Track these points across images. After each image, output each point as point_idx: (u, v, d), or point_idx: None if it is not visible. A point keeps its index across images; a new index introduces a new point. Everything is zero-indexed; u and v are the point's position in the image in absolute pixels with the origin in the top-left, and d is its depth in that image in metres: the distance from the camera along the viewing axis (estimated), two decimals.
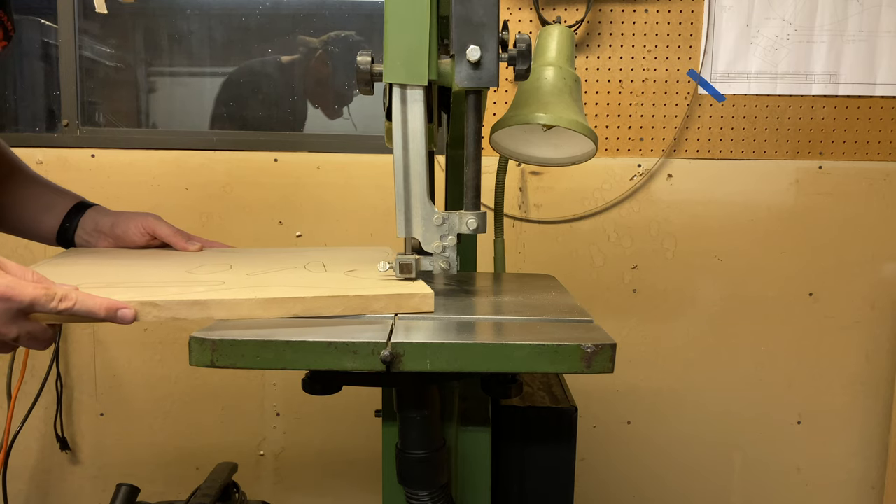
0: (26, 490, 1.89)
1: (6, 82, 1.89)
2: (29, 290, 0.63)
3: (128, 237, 1.01)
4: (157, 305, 0.67)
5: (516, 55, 0.79)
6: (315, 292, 0.72)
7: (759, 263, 1.84)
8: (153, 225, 1.01)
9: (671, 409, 1.89)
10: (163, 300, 0.67)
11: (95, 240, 1.02)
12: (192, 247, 1.01)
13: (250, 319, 0.69)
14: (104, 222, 1.01)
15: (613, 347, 0.63)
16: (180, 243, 1.01)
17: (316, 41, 1.85)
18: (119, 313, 0.66)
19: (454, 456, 0.84)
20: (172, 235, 1.01)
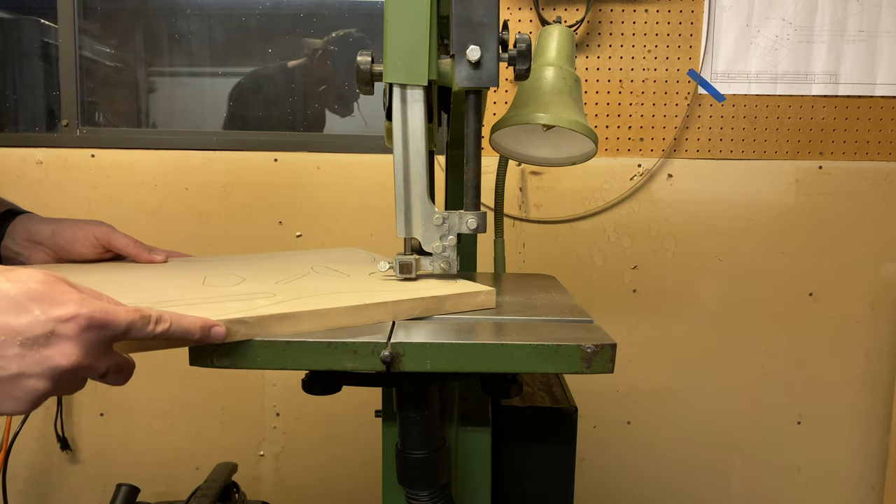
0: (26, 490, 1.89)
1: (6, 82, 1.89)
2: (122, 313, 0.53)
3: (73, 249, 0.85)
4: (246, 322, 0.60)
5: (516, 55, 0.79)
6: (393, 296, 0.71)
7: (759, 263, 1.84)
8: (107, 235, 0.86)
9: (671, 409, 1.89)
10: (251, 316, 0.61)
11: (29, 252, 0.86)
12: (156, 258, 0.88)
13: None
14: (41, 231, 0.86)
15: (613, 347, 0.62)
16: (143, 255, 0.87)
17: (319, 42, 1.85)
18: (213, 331, 0.58)
19: (454, 456, 0.84)
20: (132, 246, 0.87)
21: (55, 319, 0.50)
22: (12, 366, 0.50)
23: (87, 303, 0.52)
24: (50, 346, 0.50)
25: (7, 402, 0.50)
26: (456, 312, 0.74)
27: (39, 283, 0.51)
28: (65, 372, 0.51)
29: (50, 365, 0.50)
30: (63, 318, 0.50)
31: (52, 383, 0.51)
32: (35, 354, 0.50)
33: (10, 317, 0.49)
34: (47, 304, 0.50)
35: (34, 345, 0.50)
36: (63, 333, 0.50)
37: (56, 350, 0.50)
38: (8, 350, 0.49)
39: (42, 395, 0.51)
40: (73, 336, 0.51)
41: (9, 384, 0.50)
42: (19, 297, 0.50)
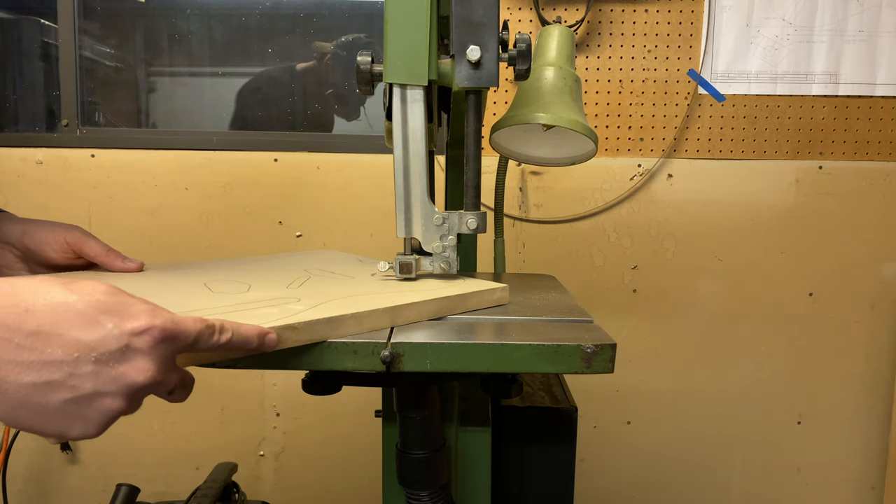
0: (26, 490, 1.89)
1: (6, 82, 1.89)
2: (190, 323, 0.51)
3: (42, 252, 0.79)
4: (296, 328, 0.59)
5: (516, 55, 0.79)
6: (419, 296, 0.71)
7: (759, 263, 1.84)
8: (79, 241, 0.80)
9: (671, 409, 1.89)
10: (300, 322, 0.59)
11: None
12: (130, 266, 0.81)
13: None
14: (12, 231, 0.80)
15: (613, 347, 0.62)
16: (116, 263, 0.80)
17: (328, 46, 1.85)
18: (267, 339, 0.56)
19: (454, 456, 0.84)
20: (104, 254, 0.80)
21: (129, 333, 0.47)
22: (87, 384, 0.46)
23: (157, 313, 0.49)
24: (125, 362, 0.47)
25: (78, 424, 0.47)
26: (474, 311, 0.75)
27: (106, 295, 0.48)
28: (140, 389, 0.48)
29: (126, 382, 0.47)
30: (137, 331, 0.47)
31: (127, 402, 0.48)
32: (110, 371, 0.47)
33: (82, 331, 0.46)
34: (119, 317, 0.47)
35: (109, 361, 0.47)
36: (138, 347, 0.48)
37: (132, 366, 0.47)
38: (82, 367, 0.46)
39: (116, 415, 0.48)
40: (147, 350, 0.48)
41: (83, 404, 0.47)
42: (89, 311, 0.46)
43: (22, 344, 0.44)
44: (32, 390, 0.45)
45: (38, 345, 0.45)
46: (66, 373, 0.45)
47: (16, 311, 0.44)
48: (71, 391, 0.46)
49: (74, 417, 0.47)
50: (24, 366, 0.44)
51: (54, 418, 0.46)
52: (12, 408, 0.45)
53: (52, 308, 0.45)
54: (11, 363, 0.44)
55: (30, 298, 0.45)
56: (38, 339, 0.45)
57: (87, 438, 0.48)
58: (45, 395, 0.45)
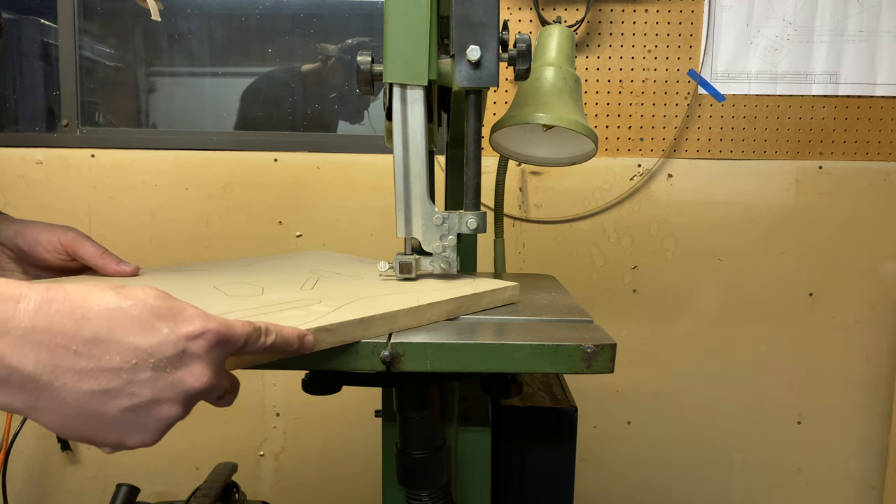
0: (26, 490, 1.89)
1: (6, 82, 1.89)
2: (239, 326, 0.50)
3: (35, 252, 0.77)
4: (329, 330, 0.59)
5: (516, 55, 0.79)
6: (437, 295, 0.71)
7: (759, 263, 1.84)
8: (73, 242, 0.77)
9: (671, 409, 1.89)
10: (333, 324, 0.59)
11: None
12: (125, 269, 0.78)
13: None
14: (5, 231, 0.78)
15: (613, 347, 0.62)
16: (110, 266, 0.77)
17: (334, 49, 1.85)
18: (305, 341, 0.55)
19: (454, 456, 0.84)
20: (98, 257, 0.77)
21: (185, 337, 0.46)
22: (145, 391, 0.45)
23: (210, 317, 0.48)
24: (182, 368, 0.46)
25: (136, 433, 0.47)
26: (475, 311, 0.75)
27: (158, 299, 0.47)
28: (197, 394, 0.47)
29: (183, 388, 0.46)
30: (192, 336, 0.47)
31: (183, 408, 0.47)
32: (167, 377, 0.46)
33: (140, 337, 0.45)
34: (174, 322, 0.46)
35: (167, 367, 0.46)
36: (194, 352, 0.47)
37: (188, 371, 0.47)
38: (141, 374, 0.45)
39: (173, 422, 0.47)
40: (203, 355, 0.47)
41: (141, 412, 0.46)
42: (144, 316, 0.45)
43: (80, 351, 0.43)
44: (91, 398, 0.44)
45: (95, 352, 0.44)
46: (125, 380, 0.45)
47: (72, 318, 0.43)
48: (129, 399, 0.45)
49: (132, 426, 0.46)
50: (82, 374, 0.43)
51: (112, 427, 0.46)
52: (69, 417, 0.44)
53: (108, 314, 0.44)
54: (69, 371, 0.43)
55: (84, 304, 0.44)
56: (96, 346, 0.44)
57: (144, 447, 0.48)
58: (103, 403, 0.44)
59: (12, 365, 0.42)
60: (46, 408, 0.43)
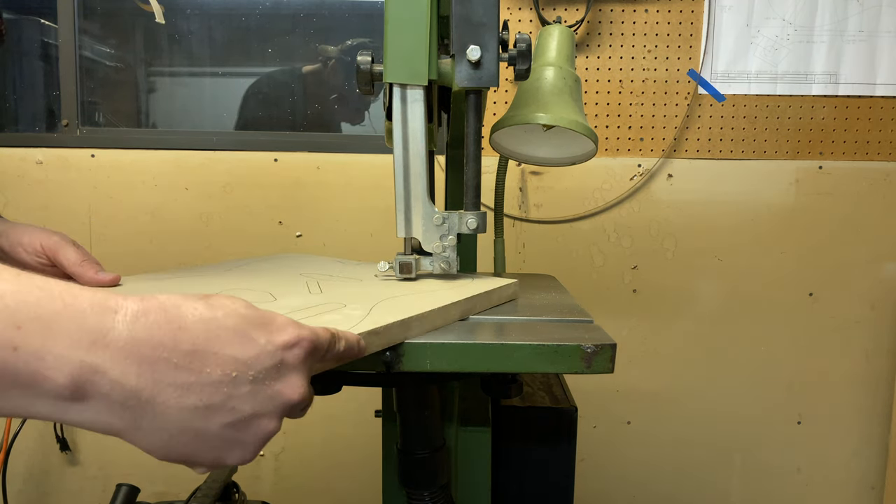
0: (26, 490, 1.89)
1: (6, 82, 1.89)
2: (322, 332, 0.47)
3: (15, 254, 0.75)
4: (378, 333, 0.57)
5: (516, 55, 0.79)
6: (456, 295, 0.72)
7: (759, 263, 1.84)
8: (55, 247, 0.73)
9: (671, 409, 1.89)
10: (380, 326, 0.57)
11: None
12: (103, 278, 0.73)
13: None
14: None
15: (613, 347, 0.62)
16: (88, 273, 0.73)
17: (334, 50, 1.85)
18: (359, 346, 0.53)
19: (454, 456, 0.84)
20: (78, 264, 0.73)
21: (281, 347, 0.44)
22: (245, 406, 0.42)
23: (299, 325, 0.46)
24: (280, 380, 0.44)
25: (236, 450, 0.44)
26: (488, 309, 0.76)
27: (247, 308, 0.44)
28: (293, 407, 0.45)
29: (282, 401, 0.44)
30: (288, 345, 0.44)
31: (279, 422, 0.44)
32: (266, 390, 0.43)
33: (237, 348, 0.42)
34: (268, 331, 0.44)
35: (265, 379, 0.43)
36: (290, 363, 0.44)
37: (286, 383, 0.44)
38: (241, 388, 0.42)
39: (270, 437, 0.44)
40: (298, 365, 0.45)
41: (241, 428, 0.43)
42: (239, 326, 0.43)
43: (180, 364, 0.40)
44: (193, 415, 0.41)
45: (195, 364, 0.41)
46: (226, 394, 0.42)
47: (170, 329, 0.40)
48: (230, 414, 0.42)
49: (232, 442, 0.43)
50: (184, 388, 0.40)
51: (213, 445, 0.43)
52: (174, 436, 0.41)
53: (203, 325, 0.41)
54: (171, 386, 0.40)
55: (179, 314, 0.41)
56: (196, 359, 0.41)
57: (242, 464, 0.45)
58: (205, 419, 0.41)
59: (114, 379, 0.38)
60: (150, 427, 0.40)
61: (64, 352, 0.37)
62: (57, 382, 0.37)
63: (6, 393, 0.37)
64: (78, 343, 0.37)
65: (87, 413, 0.39)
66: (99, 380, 0.38)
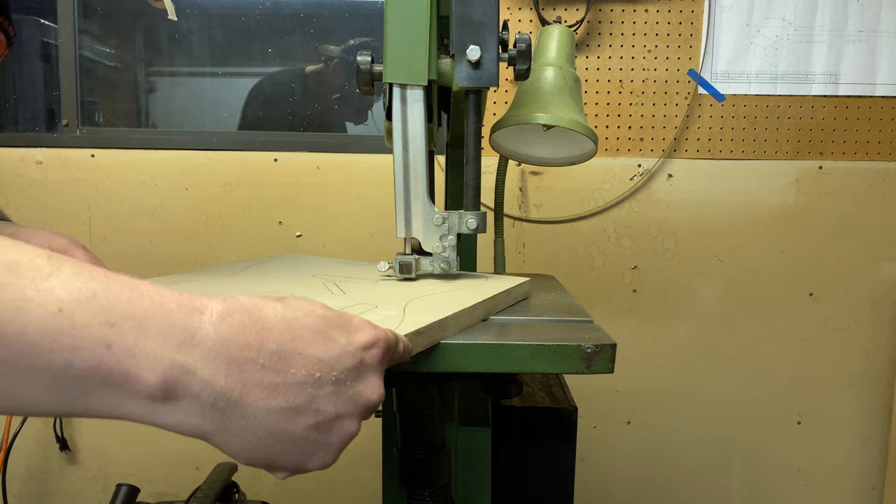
0: (26, 490, 1.89)
1: (6, 82, 1.89)
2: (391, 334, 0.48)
3: None
4: (422, 334, 0.57)
5: (516, 55, 0.79)
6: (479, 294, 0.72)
7: (759, 263, 1.84)
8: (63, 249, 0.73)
9: (671, 409, 1.89)
10: (423, 327, 0.57)
11: None
12: None
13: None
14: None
15: (613, 347, 0.62)
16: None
17: (337, 49, 1.85)
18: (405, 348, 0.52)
19: (454, 456, 0.84)
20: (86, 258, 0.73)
21: (361, 347, 0.44)
22: (329, 407, 0.42)
23: (375, 325, 0.46)
24: (360, 380, 0.44)
25: (319, 453, 0.43)
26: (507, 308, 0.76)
27: (324, 309, 0.44)
28: (373, 407, 0.44)
29: (363, 401, 0.44)
30: (367, 346, 0.44)
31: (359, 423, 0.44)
32: (348, 391, 0.43)
33: (320, 349, 0.42)
34: (348, 332, 0.44)
35: (347, 379, 0.43)
36: (369, 363, 0.44)
37: (367, 384, 0.44)
38: (324, 388, 0.42)
39: (351, 439, 0.44)
40: (377, 365, 0.45)
41: (324, 429, 0.43)
42: (320, 326, 0.43)
43: (267, 365, 0.40)
44: (280, 417, 0.41)
45: (281, 365, 0.40)
46: (310, 395, 0.41)
47: (255, 329, 0.40)
48: (315, 416, 0.42)
49: (316, 445, 0.43)
50: (270, 389, 0.40)
51: (298, 447, 0.42)
52: (261, 438, 0.41)
53: (286, 324, 0.41)
54: (258, 387, 0.40)
55: (262, 315, 0.41)
56: (281, 359, 0.40)
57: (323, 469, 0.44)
58: (291, 421, 0.41)
59: (204, 380, 0.38)
60: (238, 429, 0.40)
61: (156, 351, 0.36)
62: (149, 382, 0.36)
63: (98, 392, 0.36)
64: (168, 342, 0.37)
65: (176, 414, 0.39)
66: (189, 380, 0.38)
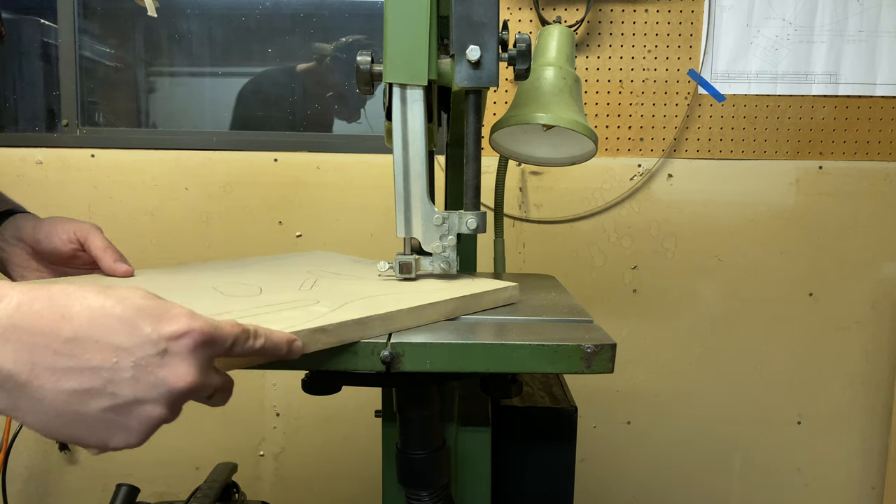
0: (26, 490, 1.89)
1: (6, 82, 1.88)
2: (227, 327, 0.50)
3: (50, 243, 0.81)
4: (326, 331, 0.58)
5: (516, 55, 0.79)
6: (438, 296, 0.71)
7: (759, 263, 1.84)
8: (85, 233, 0.81)
9: (671, 409, 1.89)
10: (331, 324, 0.59)
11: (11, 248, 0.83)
12: (118, 268, 0.80)
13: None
14: (25, 227, 0.83)
15: (613, 347, 0.62)
16: (106, 261, 0.80)
17: (328, 47, 1.85)
18: (293, 346, 0.55)
19: (454, 456, 0.84)
20: (102, 249, 0.81)
21: (167, 337, 0.46)
22: (126, 391, 0.45)
23: (196, 317, 0.48)
24: (165, 367, 0.46)
25: (119, 433, 0.47)
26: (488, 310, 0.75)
27: (144, 298, 0.47)
28: (181, 395, 0.47)
29: (167, 388, 0.46)
30: (175, 335, 0.46)
31: (168, 409, 0.47)
32: (149, 377, 0.46)
33: (121, 336, 0.45)
34: (157, 321, 0.46)
35: (148, 366, 0.45)
36: (176, 352, 0.46)
37: (171, 371, 0.46)
38: (121, 373, 0.45)
39: (158, 423, 0.47)
40: (186, 354, 0.47)
41: (122, 412, 0.46)
42: (127, 314, 0.45)
43: (59, 350, 0.43)
44: (70, 398, 0.44)
45: (76, 351, 0.44)
46: (105, 379, 0.44)
47: (52, 318, 0.44)
48: (110, 399, 0.45)
49: (115, 426, 0.46)
50: (61, 372, 0.44)
51: (95, 427, 0.46)
52: (52, 417, 0.44)
53: (89, 313, 0.44)
54: (48, 370, 0.43)
55: (66, 304, 0.44)
56: (76, 346, 0.44)
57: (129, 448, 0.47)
58: (84, 402, 0.44)
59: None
60: (28, 408, 0.44)
61: None
62: None
63: None
64: None
65: None
66: None
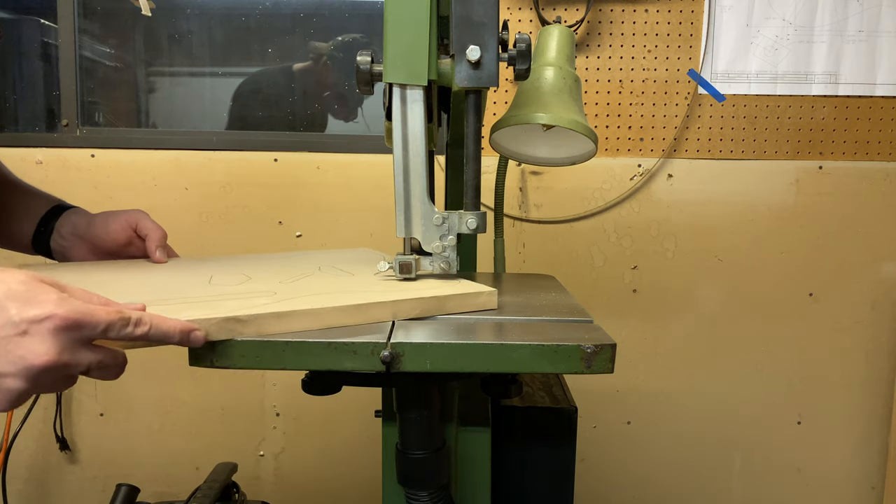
0: (26, 490, 1.89)
1: (6, 82, 1.88)
2: (101, 314, 0.54)
3: (108, 235, 0.90)
4: (241, 321, 0.61)
5: (516, 55, 0.79)
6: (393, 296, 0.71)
7: (759, 263, 1.84)
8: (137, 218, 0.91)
9: (671, 409, 1.89)
10: (247, 315, 0.61)
11: (71, 244, 0.92)
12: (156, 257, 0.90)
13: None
14: (80, 223, 0.91)
15: (613, 347, 0.62)
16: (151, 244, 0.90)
17: (325, 46, 1.85)
18: (192, 336, 0.59)
19: (454, 456, 0.84)
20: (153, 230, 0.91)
21: (29, 320, 0.51)
22: None
23: (64, 303, 0.52)
24: (24, 346, 0.51)
25: None
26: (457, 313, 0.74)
27: (20, 284, 0.52)
28: (40, 371, 0.51)
29: (25, 364, 0.51)
30: (37, 319, 0.51)
31: (29, 382, 0.52)
32: (9, 354, 0.51)
33: None
34: (23, 304, 0.51)
35: (8, 344, 0.51)
36: (36, 332, 0.51)
37: (29, 349, 0.51)
38: None
39: (19, 394, 0.52)
40: (46, 335, 0.51)
41: None
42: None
43: None
44: None
45: None
46: None
47: None
48: None
49: None
50: None
51: None
52: None
53: None
54: None
55: None
56: None
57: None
58: None
59: None
60: None
61: None
62: None
63: None
64: None
65: None
66: None
